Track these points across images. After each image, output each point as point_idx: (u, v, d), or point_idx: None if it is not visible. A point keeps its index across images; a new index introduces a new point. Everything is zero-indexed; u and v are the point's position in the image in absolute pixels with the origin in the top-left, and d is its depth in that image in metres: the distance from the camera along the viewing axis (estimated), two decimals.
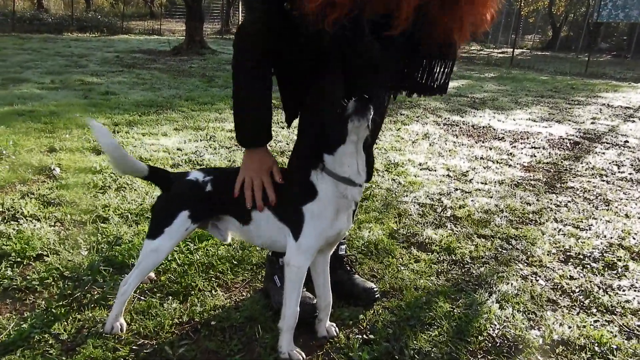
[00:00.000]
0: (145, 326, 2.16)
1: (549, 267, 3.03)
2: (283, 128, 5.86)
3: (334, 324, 2.25)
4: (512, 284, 2.77)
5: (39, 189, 3.58)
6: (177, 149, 4.94)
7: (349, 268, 2.56)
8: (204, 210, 2.07)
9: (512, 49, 22.14)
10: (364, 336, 2.19)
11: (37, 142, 4.74)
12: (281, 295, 2.29)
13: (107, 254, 2.72)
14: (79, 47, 15.06)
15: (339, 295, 2.46)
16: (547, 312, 2.54)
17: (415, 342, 2.18)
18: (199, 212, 2.05)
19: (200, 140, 5.35)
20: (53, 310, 2.22)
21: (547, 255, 3.18)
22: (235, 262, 2.74)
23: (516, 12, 32.21)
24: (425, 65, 2.25)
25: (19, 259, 2.62)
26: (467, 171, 4.90)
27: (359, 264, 2.84)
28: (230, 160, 4.66)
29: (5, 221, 3.04)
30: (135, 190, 3.69)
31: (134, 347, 2.03)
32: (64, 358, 1.96)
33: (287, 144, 5.35)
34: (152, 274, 2.54)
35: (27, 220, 3.07)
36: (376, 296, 2.47)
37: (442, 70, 2.26)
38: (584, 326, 2.43)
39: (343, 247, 2.57)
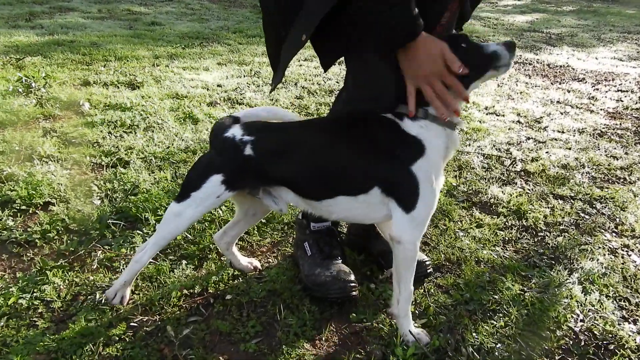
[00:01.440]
0: (149, 297, 1.83)
1: None
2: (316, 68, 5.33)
3: None
4: (598, 259, 2.26)
5: (62, 126, 3.29)
6: (217, 85, 4.53)
7: None
8: (245, 177, 1.62)
9: None
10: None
11: (71, 74, 4.45)
12: (312, 267, 1.91)
13: (120, 204, 2.40)
14: None
15: (382, 268, 2.05)
16: None
17: (475, 334, 1.74)
18: (237, 178, 1.61)
19: (244, 76, 4.92)
20: (48, 271, 1.92)
21: None
22: (263, 220, 2.34)
23: None
24: None
25: (23, 207, 2.34)
26: (541, 117, 4.26)
27: None
28: (273, 100, 4.22)
29: (19, 162, 2.76)
30: (164, 130, 3.34)
31: (132, 324, 1.71)
32: (51, 332, 1.66)
33: (337, 82, 4.83)
34: None
35: (42, 161, 2.78)
36: (428, 271, 2.03)
37: None
38: None
39: None
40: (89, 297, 1.83)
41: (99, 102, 3.80)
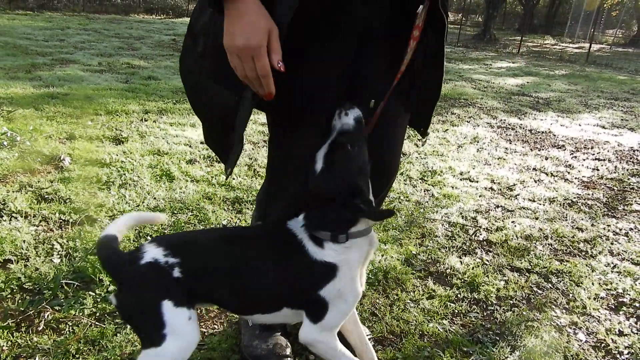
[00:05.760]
0: None
1: (593, 316, 2.51)
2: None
3: None
4: (542, 337, 2.28)
5: (39, 181, 3.38)
6: (201, 142, 4.66)
7: None
8: (182, 299, 1.46)
9: (589, 44, 20.55)
10: None
11: (59, 128, 4.59)
12: (251, 338, 1.96)
13: (79, 264, 2.45)
14: (140, 29, 15.17)
15: None
16: None
17: None
18: (179, 296, 1.45)
19: None
20: None
21: (594, 299, 2.65)
22: None
23: (598, 4, 30.09)
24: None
25: None
26: (514, 184, 4.34)
27: None
28: (251, 158, 4.33)
29: None
30: (137, 188, 3.43)
31: None
32: None
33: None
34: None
35: (12, 217, 2.86)
36: None
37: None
38: None
39: None
40: (28, 359, 1.86)
41: (80, 157, 3.91)
